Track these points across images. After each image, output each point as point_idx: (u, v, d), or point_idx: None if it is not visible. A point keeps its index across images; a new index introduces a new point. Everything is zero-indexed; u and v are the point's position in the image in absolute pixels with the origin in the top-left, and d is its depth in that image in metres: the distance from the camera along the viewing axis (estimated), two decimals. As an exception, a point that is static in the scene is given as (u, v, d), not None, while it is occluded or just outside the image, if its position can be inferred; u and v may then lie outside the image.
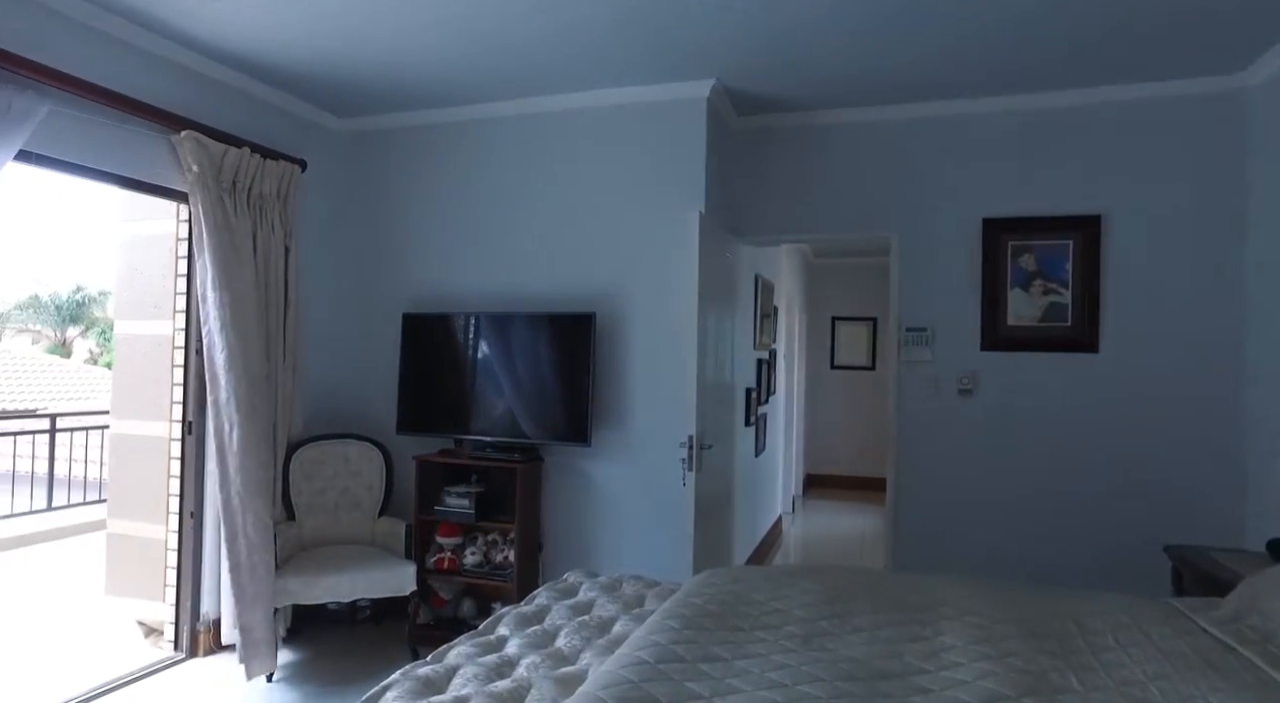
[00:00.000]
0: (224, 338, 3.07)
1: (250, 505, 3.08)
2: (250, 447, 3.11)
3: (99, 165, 2.85)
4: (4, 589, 4.56)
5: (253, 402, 3.14)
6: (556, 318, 3.48)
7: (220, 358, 3.07)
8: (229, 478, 3.09)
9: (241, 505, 3.08)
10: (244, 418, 3.10)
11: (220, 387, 3.08)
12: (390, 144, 3.98)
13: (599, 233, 3.57)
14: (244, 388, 3.11)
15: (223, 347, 3.07)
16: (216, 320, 3.07)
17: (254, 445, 3.13)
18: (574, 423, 3.38)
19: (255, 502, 3.10)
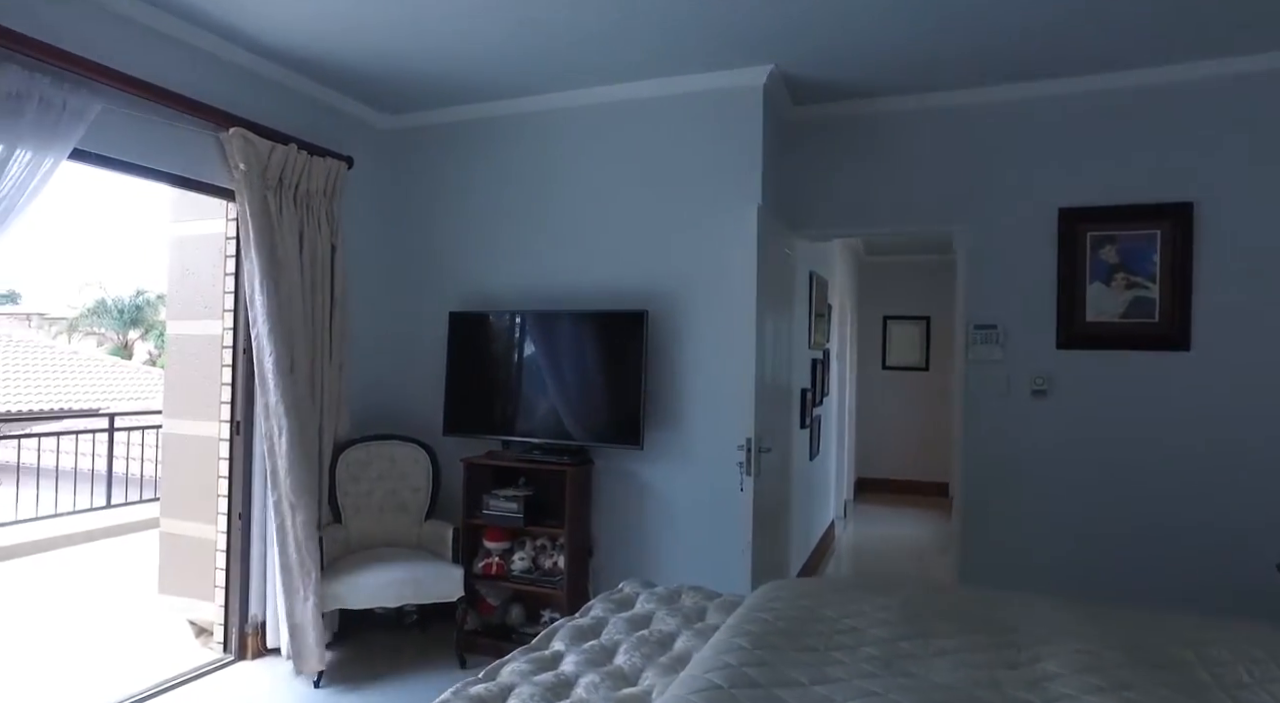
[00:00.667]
0: (271, 340, 3.02)
1: (299, 508, 3.03)
2: (298, 449, 3.06)
3: (150, 163, 2.83)
4: (64, 586, 4.63)
5: (300, 404, 3.09)
6: (607, 316, 3.36)
7: (269, 361, 3.03)
8: (279, 481, 3.05)
9: (290, 508, 3.03)
10: (292, 421, 3.05)
11: (269, 389, 3.04)
12: (436, 140, 3.91)
13: (651, 228, 3.44)
14: (291, 390, 3.07)
15: (270, 349, 3.03)
16: (264, 322, 3.03)
17: (302, 448, 3.08)
18: (625, 425, 3.26)
19: (303, 505, 3.05)
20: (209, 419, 4.13)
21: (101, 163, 2.68)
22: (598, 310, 3.39)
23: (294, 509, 3.04)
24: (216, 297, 4.15)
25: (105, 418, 6.92)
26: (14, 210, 2.33)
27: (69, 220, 34.88)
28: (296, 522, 3.03)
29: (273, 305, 3.04)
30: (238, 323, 3.29)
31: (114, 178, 2.81)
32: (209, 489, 4.09)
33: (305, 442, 3.11)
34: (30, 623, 3.98)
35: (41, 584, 4.68)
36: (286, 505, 3.03)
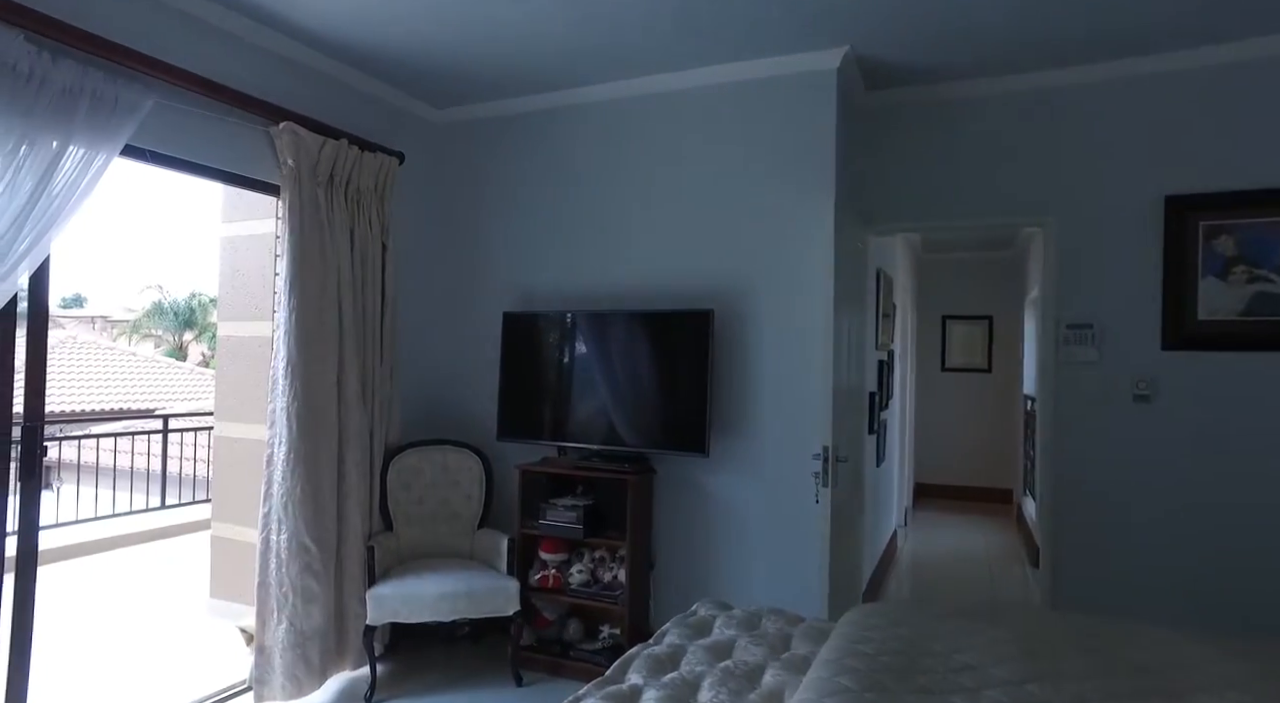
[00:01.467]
0: (286, 346, 2.90)
1: (288, 524, 2.90)
2: (297, 463, 2.91)
3: (200, 160, 2.74)
4: (120, 588, 4.63)
5: (308, 418, 2.94)
6: (670, 316, 3.18)
7: (280, 367, 2.92)
8: (270, 491, 2.93)
9: (277, 523, 2.91)
10: (296, 433, 2.91)
11: (277, 397, 2.93)
12: (488, 134, 3.78)
13: (717, 223, 3.25)
14: (299, 403, 2.92)
15: (284, 355, 2.91)
16: (284, 325, 2.91)
17: (302, 462, 2.93)
18: (690, 431, 3.07)
19: (295, 519, 2.91)
20: (259, 422, 4.08)
21: (153, 159, 2.59)
22: (660, 310, 3.21)
23: (282, 526, 2.91)
24: (266, 298, 4.10)
25: (160, 419, 6.98)
26: (66, 208, 2.24)
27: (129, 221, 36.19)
28: (281, 539, 2.90)
29: (295, 309, 2.91)
30: (288, 324, 3.19)
31: (165, 175, 2.73)
32: (256, 489, 4.04)
33: (309, 456, 2.95)
34: (86, 626, 3.97)
35: (98, 586, 4.69)
36: (274, 519, 2.91)
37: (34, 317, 2.37)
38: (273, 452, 2.94)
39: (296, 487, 2.91)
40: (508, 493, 3.43)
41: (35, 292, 2.35)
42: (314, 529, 2.95)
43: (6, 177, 2.11)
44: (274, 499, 2.92)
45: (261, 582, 2.92)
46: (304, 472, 2.93)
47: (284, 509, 2.91)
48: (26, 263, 2.15)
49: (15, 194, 2.12)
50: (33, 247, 2.15)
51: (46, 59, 2.18)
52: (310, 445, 2.96)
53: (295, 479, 2.91)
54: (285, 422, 2.91)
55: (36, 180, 2.17)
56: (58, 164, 2.22)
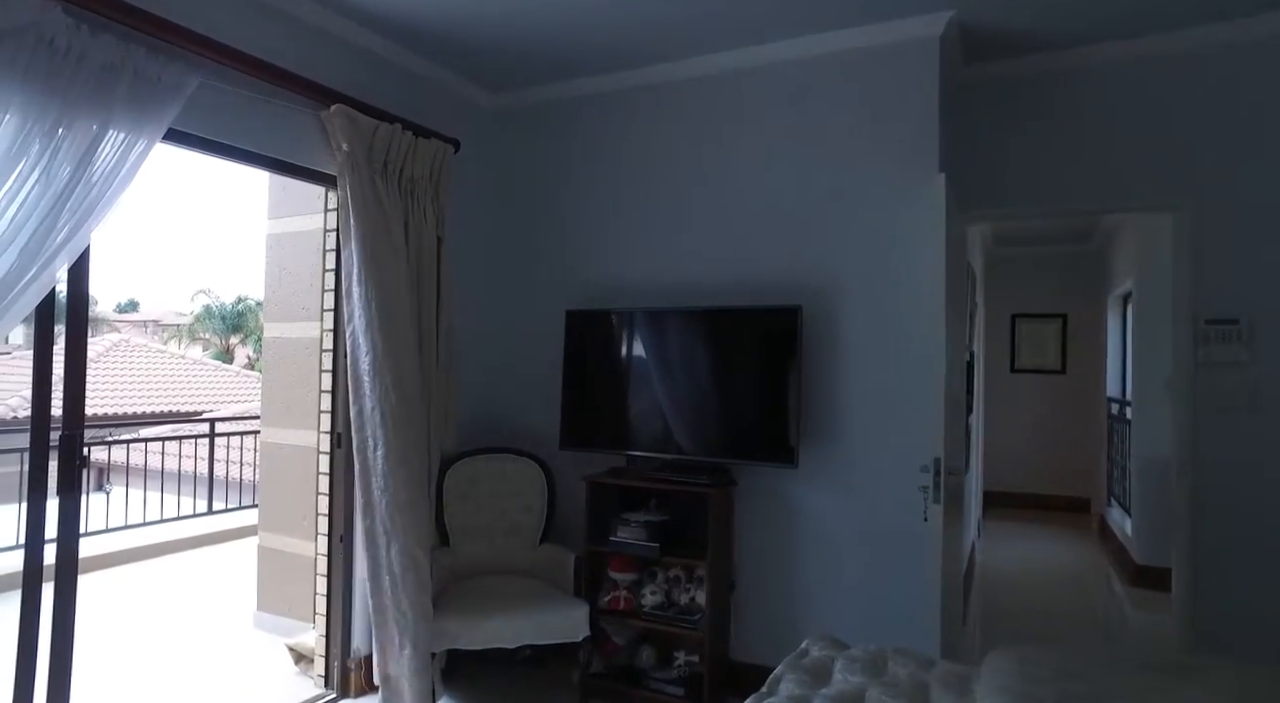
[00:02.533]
0: (368, 338, 2.68)
1: (395, 537, 2.67)
2: (397, 466, 2.70)
3: (246, 145, 2.54)
4: (166, 596, 4.49)
5: (403, 413, 2.73)
6: (752, 313, 2.88)
7: (365, 362, 2.69)
8: (372, 503, 2.69)
9: (385, 537, 2.67)
10: (389, 431, 2.69)
11: (364, 396, 2.69)
12: (549, 119, 3.53)
13: (803, 211, 2.94)
14: (393, 398, 2.71)
15: (366, 348, 2.68)
16: (362, 318, 2.69)
17: (402, 465, 2.71)
18: (776, 440, 2.77)
19: (401, 532, 2.68)
20: (307, 428, 3.89)
21: (197, 145, 2.39)
22: (741, 307, 2.92)
23: (390, 538, 2.68)
24: (314, 297, 3.90)
25: (206, 423, 6.91)
26: (106, 197, 2.04)
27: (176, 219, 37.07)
28: (392, 554, 2.67)
29: (372, 301, 2.69)
30: (339, 324, 2.97)
31: (210, 166, 2.54)
32: (308, 503, 3.84)
33: (407, 458, 2.74)
34: (129, 637, 3.82)
35: (143, 594, 4.56)
36: (381, 534, 2.67)
37: (73, 315, 2.18)
38: (368, 457, 2.70)
39: (401, 492, 2.71)
40: (570, 506, 3.17)
41: (74, 288, 2.15)
42: (423, 539, 2.75)
43: (43, 161, 1.91)
44: (378, 510, 2.70)
45: (377, 607, 2.68)
46: (405, 475, 2.73)
47: (390, 520, 2.69)
48: (65, 254, 1.95)
49: (52, 180, 1.93)
50: (71, 237, 1.95)
51: (85, 33, 1.98)
52: (408, 448, 2.75)
53: (398, 484, 2.70)
54: (380, 421, 2.69)
55: (75, 165, 1.97)
56: (97, 148, 2.03)
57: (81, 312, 2.18)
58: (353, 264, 2.69)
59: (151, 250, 28.53)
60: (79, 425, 2.15)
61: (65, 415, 2.10)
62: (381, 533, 2.67)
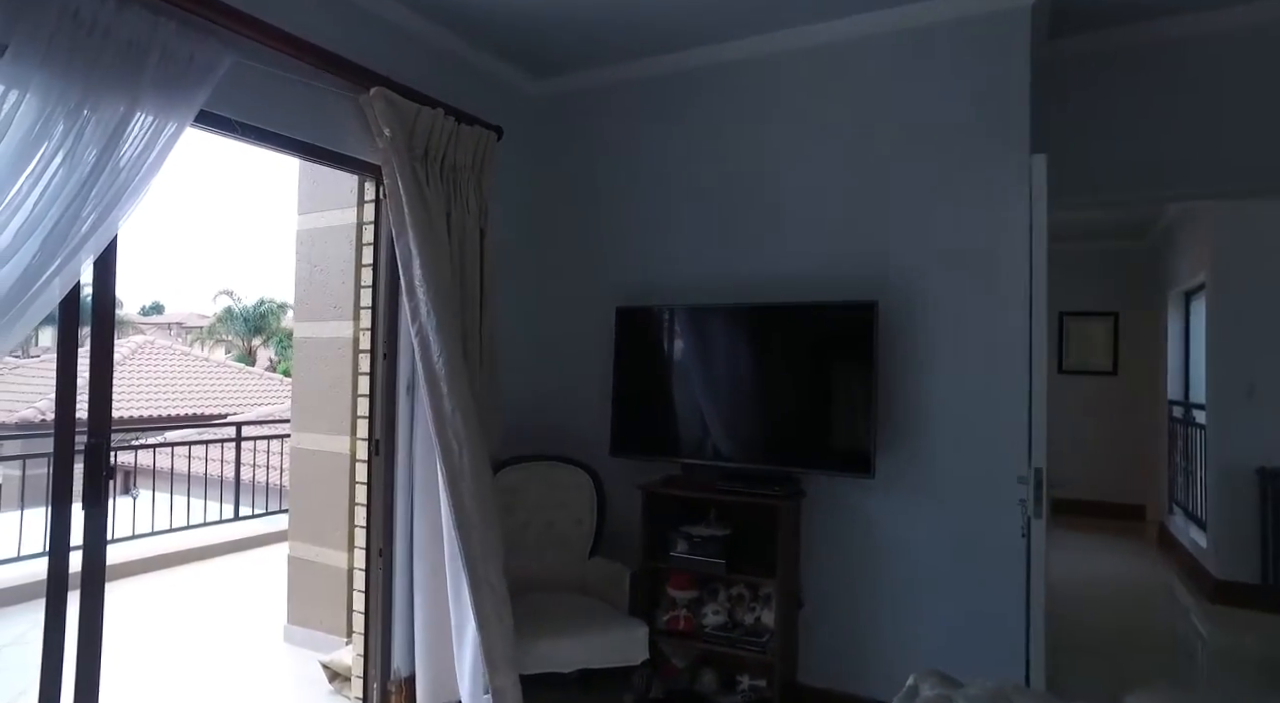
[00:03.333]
0: (441, 337, 2.49)
1: (492, 547, 2.48)
2: (483, 470, 2.52)
3: (281, 130, 2.36)
4: (192, 607, 4.34)
5: (475, 415, 2.55)
6: (823, 310, 2.66)
7: (439, 363, 2.50)
8: (465, 513, 2.47)
9: (483, 548, 2.46)
10: (473, 434, 2.51)
11: (443, 397, 2.50)
12: (597, 105, 3.33)
13: (878, 200, 2.73)
14: (467, 398, 2.54)
15: (440, 347, 2.49)
16: (432, 316, 2.50)
17: (486, 469, 2.55)
18: (850, 447, 2.56)
19: (495, 541, 2.50)
20: (340, 433, 3.72)
21: (231, 129, 2.22)
22: (810, 303, 2.70)
23: (488, 551, 2.48)
24: (346, 295, 3.74)
25: (233, 425, 6.79)
26: (134, 184, 1.87)
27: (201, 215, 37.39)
28: (490, 568, 2.47)
29: (439, 293, 2.51)
30: (378, 323, 2.80)
31: (232, 158, 2.39)
32: (340, 511, 3.67)
33: (486, 463, 2.57)
34: (159, 648, 3.67)
35: (170, 603, 4.42)
36: (479, 545, 2.46)
37: (99, 315, 2.01)
38: (454, 463, 2.49)
39: (488, 500, 2.55)
40: (621, 517, 2.98)
41: (101, 286, 1.98)
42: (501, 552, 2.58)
43: (67, 144, 1.74)
44: (472, 522, 2.49)
45: (481, 621, 2.44)
46: (489, 482, 2.57)
47: (486, 530, 2.51)
48: (91, 246, 1.78)
49: (76, 165, 1.76)
50: (97, 227, 1.78)
51: (111, 6, 1.81)
52: (484, 451, 2.58)
53: (485, 491, 2.54)
54: (462, 424, 2.50)
55: (101, 149, 1.80)
56: (124, 131, 1.86)
57: (108, 311, 2.02)
58: (412, 257, 2.50)
59: (175, 252, 29.01)
60: (106, 432, 1.98)
61: (91, 421, 1.93)
62: (479, 546, 2.47)
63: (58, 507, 1.89)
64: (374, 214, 2.81)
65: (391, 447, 2.74)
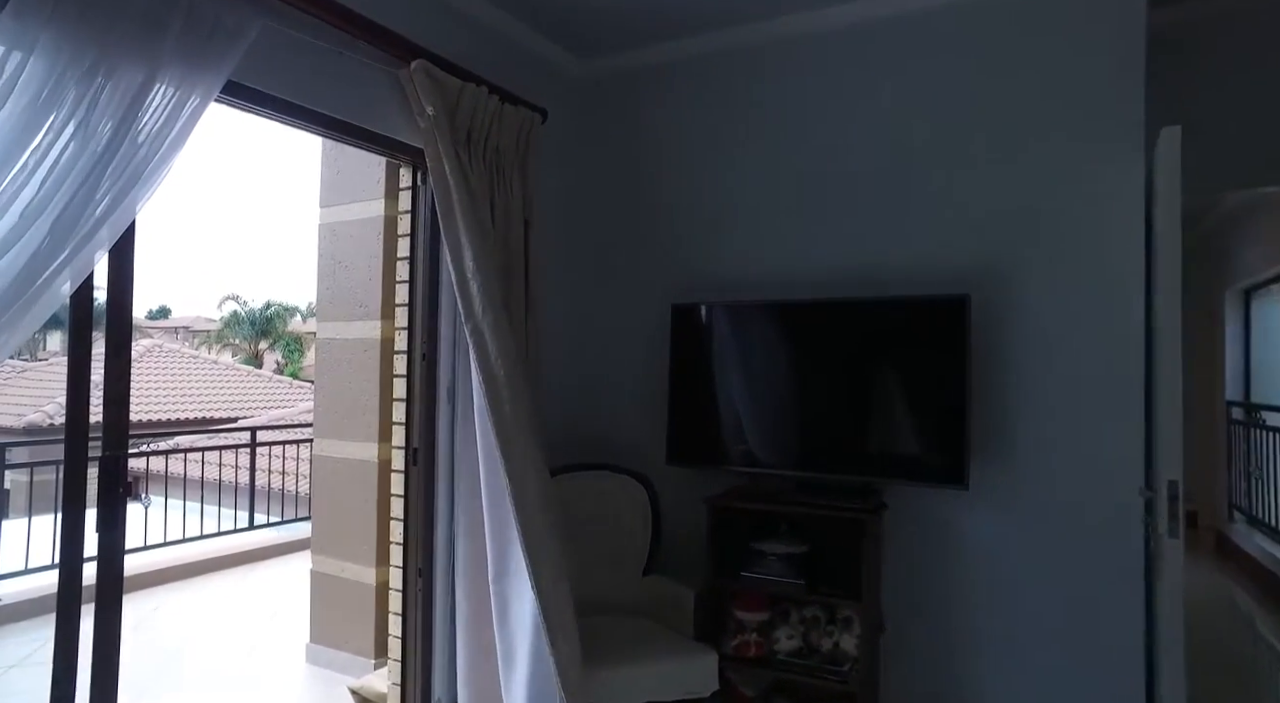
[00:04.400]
0: (499, 336, 2.25)
1: (562, 570, 2.25)
2: (546, 484, 2.29)
3: (312, 104, 2.12)
4: (207, 625, 4.11)
5: (540, 421, 2.33)
6: (906, 305, 2.41)
7: (498, 364, 2.26)
8: (531, 523, 2.22)
9: (554, 571, 2.22)
10: (536, 444, 2.29)
11: (504, 403, 2.25)
12: (645, 87, 3.09)
13: (968, 183, 2.48)
14: (529, 403, 2.31)
15: (499, 348, 2.25)
16: (488, 312, 2.26)
17: (548, 483, 2.32)
18: (941, 456, 2.31)
19: (564, 562, 2.27)
20: (366, 440, 3.49)
21: (256, 101, 1.98)
22: (894, 298, 2.44)
23: (560, 572, 2.25)
24: (373, 293, 3.51)
25: (246, 430, 6.58)
26: (154, 162, 1.63)
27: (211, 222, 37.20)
28: (561, 592, 2.23)
29: (493, 287, 2.28)
30: (416, 321, 2.56)
31: (252, 143, 2.15)
32: (367, 523, 3.44)
33: (548, 475, 2.36)
34: (175, 669, 3.44)
35: (185, 619, 4.19)
36: (546, 566, 2.21)
37: (115, 315, 1.77)
38: (520, 475, 2.23)
39: (553, 513, 2.32)
40: (676, 532, 2.74)
41: (116, 280, 1.75)
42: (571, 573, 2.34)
43: (79, 113, 1.51)
44: (538, 533, 2.25)
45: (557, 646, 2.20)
46: (555, 497, 2.36)
47: (557, 548, 2.29)
48: (107, 230, 1.55)
49: (91, 137, 1.52)
50: (113, 209, 1.55)
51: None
52: (545, 462, 2.36)
53: (553, 505, 2.32)
54: (527, 431, 2.27)
55: (118, 121, 1.56)
56: (143, 103, 1.62)
57: (124, 309, 1.78)
58: (463, 248, 2.26)
59: (182, 255, 28.90)
60: (122, 444, 1.74)
61: (107, 431, 1.70)
62: (551, 566, 2.22)
63: (69, 525, 1.66)
64: (410, 202, 2.58)
65: (431, 457, 2.50)
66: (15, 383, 12.38)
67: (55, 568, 1.69)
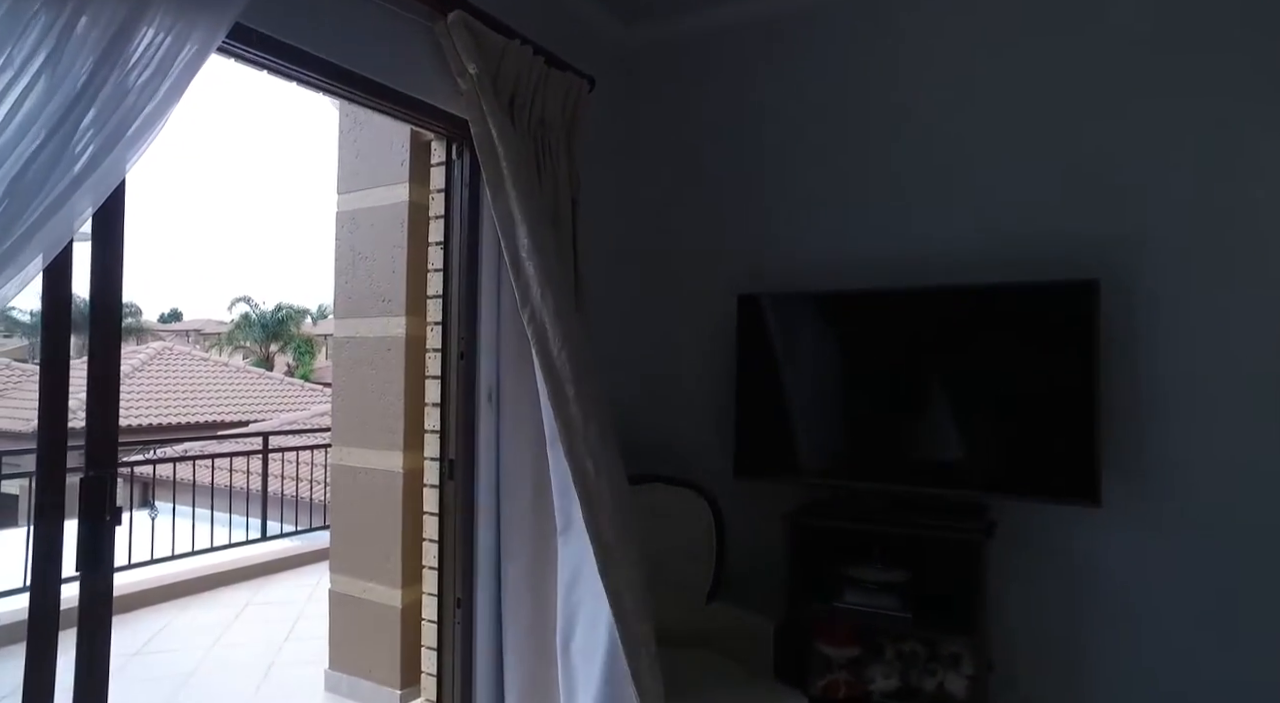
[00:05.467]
0: (561, 326, 1.94)
1: (646, 601, 1.92)
2: (623, 497, 1.97)
3: (336, 58, 1.81)
4: (216, 648, 3.80)
5: (612, 424, 2.01)
6: (1018, 291, 2.08)
7: (561, 358, 1.94)
8: (610, 553, 1.89)
9: (636, 605, 1.89)
10: (611, 450, 1.97)
11: (569, 402, 1.93)
12: (702, 54, 2.77)
13: (1093, 147, 2.14)
14: (601, 404, 2.00)
15: (562, 339, 1.94)
16: (548, 299, 1.94)
17: (626, 495, 1.99)
18: (1066, 467, 1.97)
19: (647, 587, 1.94)
20: (390, 448, 3.18)
21: (269, 51, 1.67)
22: (999, 283, 2.11)
23: (640, 608, 1.91)
24: (396, 286, 3.20)
25: (258, 437, 6.29)
26: (148, 111, 1.32)
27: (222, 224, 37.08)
28: (639, 629, 1.90)
29: (551, 268, 1.96)
30: (451, 315, 2.25)
31: (279, 92, 1.84)
32: (391, 539, 3.14)
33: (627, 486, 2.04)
34: (178, 699, 3.14)
35: (190, 641, 3.89)
36: (630, 599, 1.88)
37: (101, 307, 1.44)
38: (592, 487, 1.93)
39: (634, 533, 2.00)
40: (746, 552, 2.42)
41: (102, 261, 1.43)
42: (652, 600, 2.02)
43: (49, 43, 1.20)
44: (619, 570, 1.93)
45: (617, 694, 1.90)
46: (632, 511, 2.04)
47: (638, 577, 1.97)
48: (89, 187, 1.23)
49: (64, 76, 1.21)
50: (94, 166, 1.23)
51: None
52: (623, 471, 2.06)
53: (630, 521, 2.00)
54: (597, 436, 1.96)
55: (99, 57, 1.25)
56: (129, 51, 1.31)
57: (111, 296, 1.45)
58: (516, 223, 1.94)
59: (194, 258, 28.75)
60: (109, 461, 1.43)
61: (90, 448, 1.38)
62: (631, 600, 1.89)
63: (41, 562, 1.36)
64: (445, 179, 2.27)
65: (471, 469, 2.18)
66: (25, 387, 12.16)
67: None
